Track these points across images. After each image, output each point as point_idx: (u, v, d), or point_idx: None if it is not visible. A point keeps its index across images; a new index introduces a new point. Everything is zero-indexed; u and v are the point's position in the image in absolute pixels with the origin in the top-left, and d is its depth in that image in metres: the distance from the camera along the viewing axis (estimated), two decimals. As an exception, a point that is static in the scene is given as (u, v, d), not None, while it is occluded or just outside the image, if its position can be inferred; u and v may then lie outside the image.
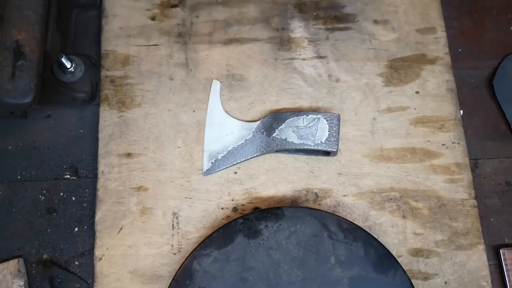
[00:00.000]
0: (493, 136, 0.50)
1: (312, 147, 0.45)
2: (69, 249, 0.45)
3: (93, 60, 0.50)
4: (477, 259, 0.45)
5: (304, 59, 0.51)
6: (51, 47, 0.46)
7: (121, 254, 0.44)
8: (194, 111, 0.49)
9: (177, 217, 0.45)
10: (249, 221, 0.43)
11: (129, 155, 0.47)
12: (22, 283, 0.42)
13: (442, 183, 0.47)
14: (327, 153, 0.46)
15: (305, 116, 0.46)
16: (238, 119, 0.48)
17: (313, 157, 0.47)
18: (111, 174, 0.46)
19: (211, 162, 0.46)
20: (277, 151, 0.46)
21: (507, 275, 0.45)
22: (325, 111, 0.48)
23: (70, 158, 0.47)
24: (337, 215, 0.43)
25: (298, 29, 0.52)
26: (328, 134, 0.45)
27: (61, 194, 0.46)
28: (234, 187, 0.46)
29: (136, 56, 0.50)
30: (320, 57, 0.51)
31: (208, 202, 0.46)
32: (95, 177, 0.46)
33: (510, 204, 0.48)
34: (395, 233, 0.45)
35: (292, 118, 0.46)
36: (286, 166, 0.47)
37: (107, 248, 0.44)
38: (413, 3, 0.53)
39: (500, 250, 0.45)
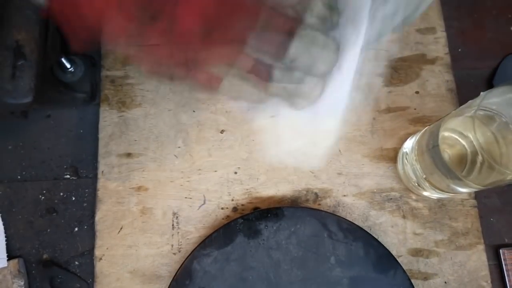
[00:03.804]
0: (493, 136, 0.50)
1: None
2: (69, 249, 0.45)
3: (93, 60, 0.50)
4: (477, 259, 0.45)
5: (304, 59, 0.51)
6: (51, 47, 0.46)
7: (121, 254, 0.44)
8: (194, 111, 0.49)
9: (177, 217, 0.45)
10: (249, 221, 0.43)
11: (129, 155, 0.47)
12: (22, 283, 0.42)
13: (442, 183, 0.47)
14: None
15: None
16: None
17: (313, 158, 0.47)
18: (111, 174, 0.46)
19: None
20: None
21: (507, 275, 0.45)
22: None
23: (70, 158, 0.47)
24: (337, 215, 0.43)
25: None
26: None
27: (61, 194, 0.46)
28: (234, 187, 0.46)
29: (136, 56, 0.50)
30: (320, 57, 0.51)
31: (208, 202, 0.46)
32: (95, 177, 0.46)
33: (510, 204, 0.48)
34: (395, 233, 0.45)
35: None
36: (286, 166, 0.47)
37: (107, 248, 0.44)
38: (413, 3, 0.53)
39: (500, 250, 0.45)
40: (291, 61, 0.27)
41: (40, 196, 0.46)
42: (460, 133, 0.40)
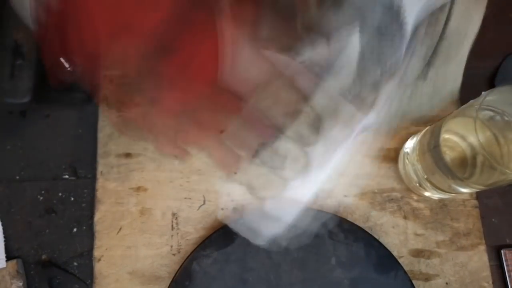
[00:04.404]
0: (494, 136, 0.50)
1: None
2: (68, 250, 0.44)
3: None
4: (478, 259, 0.45)
5: (304, 59, 0.50)
6: (50, 46, 0.45)
7: (120, 255, 0.44)
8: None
9: (176, 217, 0.45)
10: (249, 222, 0.42)
11: (128, 155, 0.47)
12: (21, 283, 0.42)
13: (443, 184, 0.46)
14: None
15: None
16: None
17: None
18: (110, 174, 0.46)
19: None
20: None
21: (509, 276, 0.44)
22: None
23: (69, 158, 0.47)
24: (338, 216, 0.43)
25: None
26: None
27: (60, 194, 0.46)
28: (234, 188, 0.46)
29: (136, 55, 0.50)
30: (321, 56, 0.50)
31: (208, 203, 0.45)
32: (94, 177, 0.46)
33: (512, 205, 0.47)
34: (396, 234, 0.45)
35: None
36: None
37: (106, 249, 0.44)
38: (414, 3, 0.52)
39: (502, 251, 0.45)
40: (261, 162, 0.29)
41: (39, 197, 0.46)
42: (460, 135, 0.40)
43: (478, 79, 0.52)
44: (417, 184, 0.44)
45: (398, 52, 0.27)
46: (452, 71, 0.29)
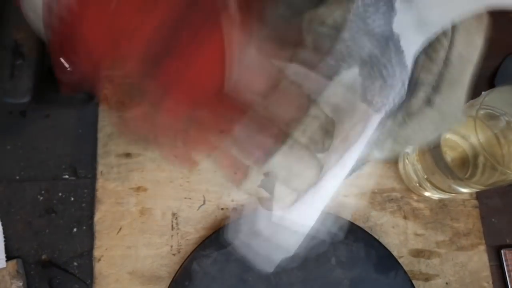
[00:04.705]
0: (494, 136, 0.49)
1: None
2: (68, 250, 0.44)
3: (92, 60, 0.49)
4: (478, 259, 0.45)
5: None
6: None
7: (120, 255, 0.44)
8: (193, 111, 0.48)
9: (176, 217, 0.45)
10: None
11: (128, 155, 0.47)
12: (21, 284, 0.42)
13: (443, 184, 0.46)
14: None
15: None
16: None
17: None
18: (110, 175, 0.46)
19: None
20: None
21: (509, 276, 0.44)
22: None
23: (69, 158, 0.47)
24: (338, 216, 0.43)
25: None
26: None
27: (60, 194, 0.46)
28: (234, 188, 0.46)
29: (136, 55, 0.50)
30: (321, 56, 0.50)
31: (208, 203, 0.45)
32: (94, 177, 0.46)
33: (512, 205, 0.47)
34: (396, 234, 0.45)
35: None
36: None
37: (106, 249, 0.44)
38: (414, 3, 0.52)
39: (502, 251, 0.45)
40: (269, 170, 0.27)
41: (39, 197, 0.46)
42: (461, 135, 0.40)
43: (478, 79, 0.51)
44: (417, 184, 0.44)
45: (392, 84, 0.26)
46: (456, 96, 0.29)
